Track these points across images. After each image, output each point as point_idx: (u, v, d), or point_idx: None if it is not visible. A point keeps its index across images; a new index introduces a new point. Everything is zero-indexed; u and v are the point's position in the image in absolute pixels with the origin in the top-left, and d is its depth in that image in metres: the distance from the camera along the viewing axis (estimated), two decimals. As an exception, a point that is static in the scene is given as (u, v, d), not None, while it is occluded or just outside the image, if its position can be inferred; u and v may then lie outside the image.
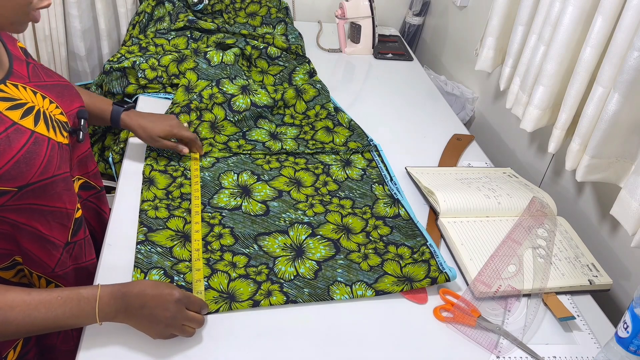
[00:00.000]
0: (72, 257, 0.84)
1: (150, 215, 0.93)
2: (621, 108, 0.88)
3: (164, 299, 0.71)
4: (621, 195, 0.91)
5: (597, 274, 0.96)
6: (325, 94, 1.34)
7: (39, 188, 0.71)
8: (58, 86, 0.81)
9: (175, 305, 0.72)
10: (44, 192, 0.73)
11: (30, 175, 0.69)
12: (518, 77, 1.20)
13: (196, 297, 0.78)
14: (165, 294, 0.72)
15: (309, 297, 0.85)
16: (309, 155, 1.18)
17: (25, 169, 0.68)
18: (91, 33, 1.72)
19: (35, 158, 0.70)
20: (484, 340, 0.83)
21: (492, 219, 1.05)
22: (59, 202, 0.76)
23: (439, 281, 0.89)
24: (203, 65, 1.33)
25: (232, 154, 1.14)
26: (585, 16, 0.99)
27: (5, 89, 0.71)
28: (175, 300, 0.72)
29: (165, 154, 1.10)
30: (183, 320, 0.73)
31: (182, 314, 0.73)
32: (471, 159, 1.28)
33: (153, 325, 0.72)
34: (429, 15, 1.97)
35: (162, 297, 0.71)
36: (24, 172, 0.68)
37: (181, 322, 0.73)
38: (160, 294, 0.72)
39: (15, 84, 0.74)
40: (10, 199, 0.69)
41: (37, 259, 0.78)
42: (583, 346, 0.85)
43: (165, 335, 0.73)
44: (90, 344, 0.74)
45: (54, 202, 0.75)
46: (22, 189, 0.69)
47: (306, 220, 1.00)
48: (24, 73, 0.77)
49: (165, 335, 0.73)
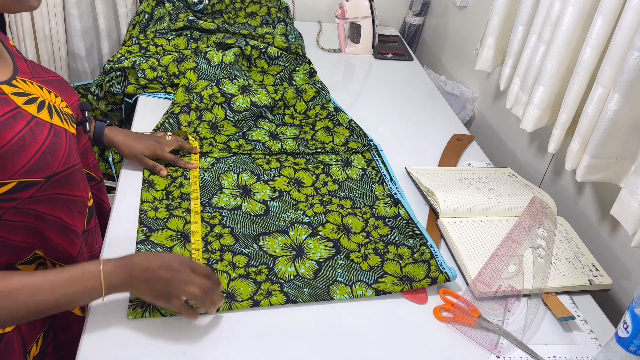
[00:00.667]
0: (88, 245, 0.86)
1: (150, 216, 0.93)
2: (621, 108, 0.88)
3: (167, 258, 0.74)
4: (621, 195, 0.91)
5: (597, 274, 0.96)
6: (325, 94, 1.34)
7: (63, 178, 0.73)
8: (57, 81, 0.82)
9: (179, 264, 0.73)
10: (67, 182, 0.75)
11: (56, 166, 0.71)
12: (518, 77, 1.20)
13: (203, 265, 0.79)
14: (169, 256, 0.75)
15: (309, 297, 0.85)
16: (309, 155, 1.18)
17: (51, 160, 0.71)
18: (91, 33, 1.72)
19: (58, 148, 0.72)
20: (484, 340, 0.83)
21: (492, 219, 1.05)
22: (77, 190, 0.79)
23: (439, 281, 0.89)
24: (203, 65, 1.33)
25: (232, 154, 1.14)
26: (585, 16, 0.99)
27: (17, 84, 0.72)
28: (179, 261, 0.74)
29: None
30: (186, 280, 0.73)
31: (185, 273, 0.73)
32: (471, 159, 1.28)
33: (155, 286, 0.72)
34: (429, 15, 1.97)
35: (166, 257, 0.74)
36: (50, 163, 0.70)
37: (184, 282, 0.73)
38: (165, 255, 0.75)
39: (24, 79, 0.75)
40: (39, 190, 0.71)
41: (61, 249, 0.80)
42: (583, 346, 0.85)
43: (168, 298, 0.73)
44: (90, 345, 0.74)
45: (74, 191, 0.78)
46: (49, 179, 0.71)
47: (306, 220, 1.00)
48: (26, 69, 0.78)
49: (168, 299, 0.73)
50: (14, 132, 0.67)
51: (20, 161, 0.67)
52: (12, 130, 0.66)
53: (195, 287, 0.73)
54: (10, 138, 0.66)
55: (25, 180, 0.68)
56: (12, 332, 0.76)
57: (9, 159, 0.66)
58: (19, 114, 0.68)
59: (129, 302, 0.79)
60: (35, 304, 0.67)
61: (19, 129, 0.67)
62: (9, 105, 0.68)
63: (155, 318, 0.78)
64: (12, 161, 0.66)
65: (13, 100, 0.69)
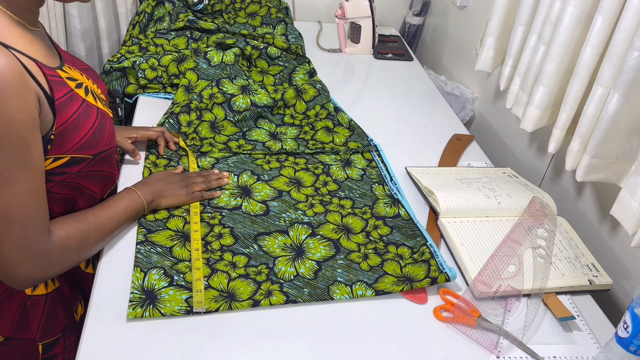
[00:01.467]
0: None
1: (149, 219, 0.93)
2: (621, 108, 0.88)
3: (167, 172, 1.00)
4: (621, 195, 0.91)
5: (597, 274, 0.96)
6: (325, 94, 1.34)
7: (105, 156, 0.82)
8: (89, 69, 0.89)
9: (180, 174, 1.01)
10: (107, 160, 0.84)
11: (102, 144, 0.80)
12: (518, 77, 1.20)
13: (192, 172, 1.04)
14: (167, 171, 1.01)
15: (309, 297, 0.85)
16: (309, 155, 1.18)
17: (100, 139, 0.79)
18: (91, 33, 1.72)
19: (105, 129, 0.80)
20: (484, 340, 0.83)
21: (492, 219, 1.05)
22: (113, 168, 0.89)
23: (439, 281, 0.89)
24: (203, 65, 1.33)
25: (232, 154, 1.14)
26: (585, 16, 0.99)
27: (66, 70, 0.78)
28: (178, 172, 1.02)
29: (166, 155, 1.10)
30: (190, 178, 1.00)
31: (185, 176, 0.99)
32: (471, 159, 1.28)
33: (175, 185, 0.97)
34: (429, 15, 1.97)
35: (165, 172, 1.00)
36: (98, 141, 0.79)
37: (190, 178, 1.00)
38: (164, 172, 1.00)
39: (69, 66, 0.81)
40: (86, 165, 0.79)
41: None
42: (583, 346, 0.85)
43: (187, 187, 0.98)
44: (90, 345, 0.74)
45: (111, 168, 0.88)
46: (95, 156, 0.79)
47: (306, 220, 1.00)
48: (67, 57, 0.84)
49: (190, 191, 0.98)
50: (72, 111, 0.74)
51: (74, 138, 0.74)
52: (70, 110, 0.74)
53: (197, 180, 1.00)
54: (69, 117, 0.73)
55: (77, 156, 0.76)
56: (54, 292, 0.86)
57: (65, 136, 0.73)
58: (73, 96, 0.75)
59: (129, 302, 0.79)
60: (102, 237, 0.83)
61: (75, 109, 0.75)
62: (66, 87, 0.74)
63: (155, 318, 0.78)
64: (67, 138, 0.74)
65: (67, 83, 0.75)
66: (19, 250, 0.69)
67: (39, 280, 0.74)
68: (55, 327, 0.87)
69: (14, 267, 0.69)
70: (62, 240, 0.75)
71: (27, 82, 0.66)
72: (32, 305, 0.83)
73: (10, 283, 0.72)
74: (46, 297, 0.85)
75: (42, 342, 0.86)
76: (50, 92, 0.71)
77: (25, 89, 0.65)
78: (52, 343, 0.87)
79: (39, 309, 0.84)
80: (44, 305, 0.85)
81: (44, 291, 0.84)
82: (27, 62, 0.68)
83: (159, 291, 0.81)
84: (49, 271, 0.74)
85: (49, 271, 0.74)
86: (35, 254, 0.70)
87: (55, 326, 0.87)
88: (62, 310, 0.88)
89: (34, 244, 0.70)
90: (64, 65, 0.79)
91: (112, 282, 0.83)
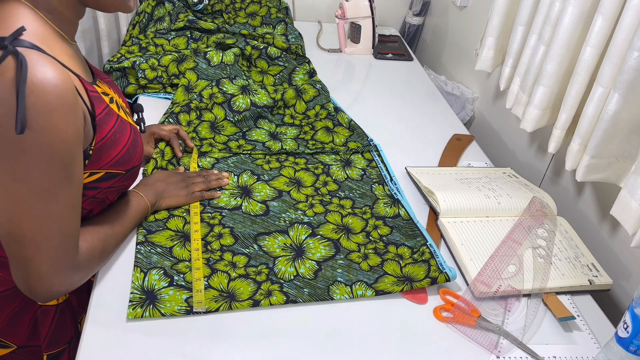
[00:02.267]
0: None
1: (149, 220, 0.93)
2: (621, 108, 0.88)
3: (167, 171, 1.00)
4: (621, 195, 0.91)
5: (597, 274, 0.96)
6: (325, 94, 1.34)
7: (135, 172, 0.82)
8: (112, 83, 0.88)
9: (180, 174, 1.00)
10: (135, 175, 0.84)
11: (135, 160, 0.80)
12: (518, 77, 1.20)
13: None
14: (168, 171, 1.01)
15: (309, 297, 0.85)
16: (309, 155, 1.18)
17: (133, 154, 0.79)
18: (91, 33, 1.72)
19: (137, 145, 0.81)
20: (484, 340, 0.83)
21: (492, 219, 1.05)
22: (134, 180, 0.87)
23: (439, 281, 0.89)
24: (203, 65, 1.33)
25: (231, 154, 1.14)
26: (585, 16, 0.99)
27: (100, 85, 0.78)
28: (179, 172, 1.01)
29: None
30: (190, 178, 0.99)
31: (185, 177, 0.99)
32: (471, 159, 1.28)
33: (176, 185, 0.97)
34: (429, 15, 1.97)
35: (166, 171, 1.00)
36: (132, 157, 0.79)
37: (190, 178, 0.99)
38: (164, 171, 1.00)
39: (100, 79, 0.80)
40: (118, 181, 0.79)
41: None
42: (583, 346, 0.85)
43: (190, 191, 0.98)
44: (90, 345, 0.74)
45: (133, 181, 0.86)
46: (128, 172, 0.79)
47: (306, 220, 1.00)
48: (95, 70, 0.83)
49: (190, 191, 0.98)
50: (109, 127, 0.74)
51: (111, 154, 0.74)
52: (107, 126, 0.73)
53: (197, 180, 1.00)
54: (107, 132, 0.73)
55: (112, 171, 0.76)
56: (63, 303, 0.86)
57: (103, 152, 0.73)
58: (110, 111, 0.75)
59: (129, 302, 0.79)
60: (116, 244, 0.84)
61: (112, 125, 0.74)
62: (103, 103, 0.74)
63: (155, 318, 0.78)
64: (105, 154, 0.73)
65: (104, 99, 0.74)
66: (52, 265, 0.68)
67: (63, 293, 0.73)
68: (62, 338, 0.87)
69: (43, 282, 0.68)
70: (87, 252, 0.75)
71: (77, 98, 0.65)
72: (42, 315, 0.83)
73: (34, 296, 0.70)
74: (56, 307, 0.84)
75: (48, 353, 0.86)
76: (92, 108, 0.70)
77: (77, 105, 0.65)
78: (57, 354, 0.87)
79: (48, 319, 0.84)
80: (53, 316, 0.84)
81: (54, 302, 0.84)
82: (73, 78, 0.67)
83: (159, 291, 0.81)
84: (74, 285, 0.73)
85: (74, 285, 0.73)
86: (66, 268, 0.70)
87: (62, 337, 0.87)
88: (70, 321, 0.88)
89: (66, 259, 0.70)
90: (97, 80, 0.78)
91: (112, 282, 0.83)
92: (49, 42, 0.65)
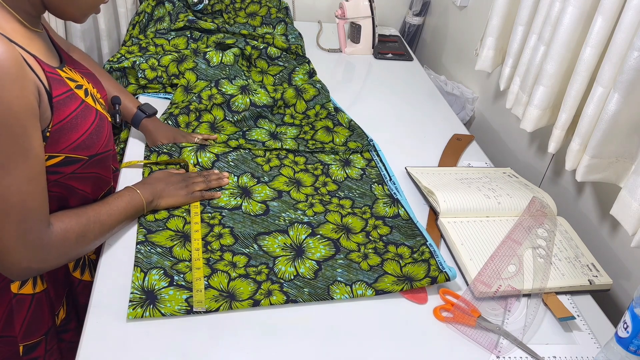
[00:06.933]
0: None
1: (149, 219, 0.93)
2: (621, 108, 0.88)
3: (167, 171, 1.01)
4: (621, 195, 0.91)
5: (597, 274, 0.96)
6: (325, 93, 1.34)
7: (101, 159, 0.82)
8: (90, 74, 0.89)
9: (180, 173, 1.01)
10: (102, 163, 0.84)
11: (99, 146, 0.80)
12: (518, 77, 1.20)
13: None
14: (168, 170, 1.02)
15: (309, 296, 0.85)
16: (309, 153, 1.18)
17: (96, 140, 0.79)
18: (91, 33, 1.72)
19: (102, 131, 0.80)
20: (484, 340, 0.83)
21: (492, 219, 1.05)
22: (107, 171, 0.88)
23: (438, 281, 0.89)
24: (202, 66, 1.33)
25: (231, 149, 1.14)
26: (585, 16, 0.99)
27: (67, 71, 0.79)
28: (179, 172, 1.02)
29: (165, 148, 1.10)
30: (190, 177, 1.00)
31: (185, 176, 1.00)
32: (471, 159, 1.28)
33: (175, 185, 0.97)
34: (429, 15, 1.97)
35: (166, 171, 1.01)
36: (95, 143, 0.79)
37: (190, 178, 1.00)
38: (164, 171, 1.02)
39: (70, 68, 0.81)
40: (81, 167, 0.79)
41: None
42: (583, 346, 0.85)
43: (187, 188, 0.98)
44: (90, 345, 0.74)
45: (105, 171, 0.87)
46: (91, 158, 0.79)
47: (306, 220, 1.00)
48: (68, 59, 0.84)
49: (190, 191, 0.98)
50: (70, 110, 0.74)
51: (71, 137, 0.74)
52: (68, 109, 0.74)
53: (197, 180, 1.00)
54: (67, 115, 0.74)
55: (72, 155, 0.76)
56: (41, 293, 0.86)
57: (62, 134, 0.73)
58: (72, 95, 0.76)
59: (129, 302, 0.79)
60: (101, 233, 0.83)
61: (74, 109, 0.75)
62: (65, 86, 0.75)
63: (155, 318, 0.78)
64: (64, 137, 0.74)
65: (67, 82, 0.75)
66: (17, 239, 0.69)
67: (37, 271, 0.74)
68: (38, 328, 0.87)
69: (12, 256, 0.69)
70: (61, 233, 0.75)
71: (26, 71, 0.66)
72: (17, 304, 0.83)
73: (7, 273, 0.72)
74: (32, 297, 0.84)
75: (24, 343, 0.86)
76: (49, 88, 0.71)
77: (24, 78, 0.65)
78: (33, 345, 0.87)
79: (23, 308, 0.84)
80: (29, 305, 0.84)
81: (30, 291, 0.84)
82: (26, 56, 0.68)
83: (159, 291, 0.81)
84: (47, 262, 0.74)
85: (47, 262, 0.74)
86: (34, 243, 0.71)
87: (39, 328, 0.87)
88: (47, 312, 0.88)
89: (33, 233, 0.70)
90: (64, 66, 0.79)
91: (112, 282, 0.83)
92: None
